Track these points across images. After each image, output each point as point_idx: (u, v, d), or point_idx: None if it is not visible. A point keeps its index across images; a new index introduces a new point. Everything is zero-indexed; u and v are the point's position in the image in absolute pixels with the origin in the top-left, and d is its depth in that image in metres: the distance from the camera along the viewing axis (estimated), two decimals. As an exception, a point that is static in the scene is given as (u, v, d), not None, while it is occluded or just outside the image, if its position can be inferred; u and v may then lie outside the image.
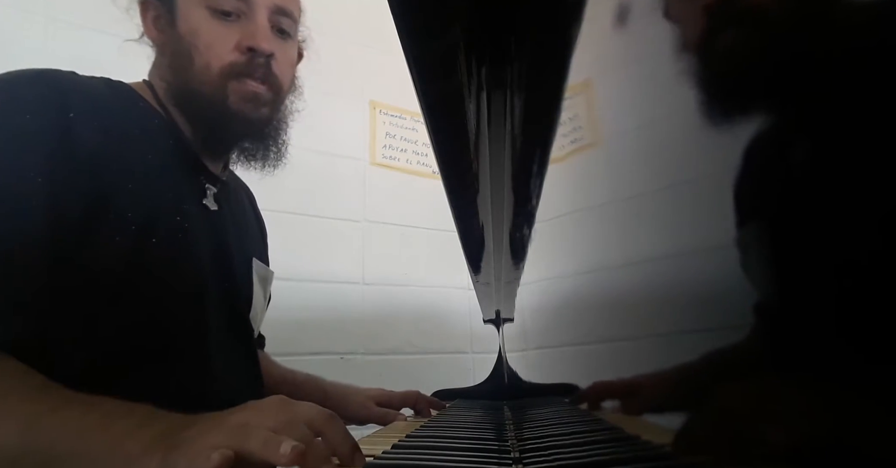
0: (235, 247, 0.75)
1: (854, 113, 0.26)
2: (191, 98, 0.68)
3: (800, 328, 0.29)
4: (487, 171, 0.42)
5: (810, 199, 0.30)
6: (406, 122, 1.68)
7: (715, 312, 0.35)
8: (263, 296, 0.83)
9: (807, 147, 0.31)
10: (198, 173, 0.71)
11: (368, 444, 0.49)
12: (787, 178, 0.32)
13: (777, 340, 0.31)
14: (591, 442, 0.42)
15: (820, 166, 0.29)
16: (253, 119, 0.70)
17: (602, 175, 0.56)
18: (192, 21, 0.67)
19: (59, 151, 0.55)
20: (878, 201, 0.24)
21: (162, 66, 0.70)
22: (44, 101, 0.56)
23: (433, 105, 0.33)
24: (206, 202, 0.71)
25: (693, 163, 0.40)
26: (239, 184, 0.85)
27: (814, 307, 0.28)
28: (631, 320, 0.51)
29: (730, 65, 0.38)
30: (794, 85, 0.32)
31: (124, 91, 0.68)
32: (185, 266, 0.64)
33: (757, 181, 0.34)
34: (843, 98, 0.27)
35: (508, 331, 1.00)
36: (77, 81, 0.62)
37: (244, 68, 0.68)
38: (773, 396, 0.30)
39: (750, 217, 0.35)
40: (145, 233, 0.59)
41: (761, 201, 0.34)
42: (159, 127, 0.68)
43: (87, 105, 0.59)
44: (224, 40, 0.67)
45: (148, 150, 0.64)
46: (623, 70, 0.47)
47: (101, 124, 0.59)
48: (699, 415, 0.34)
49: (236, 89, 0.68)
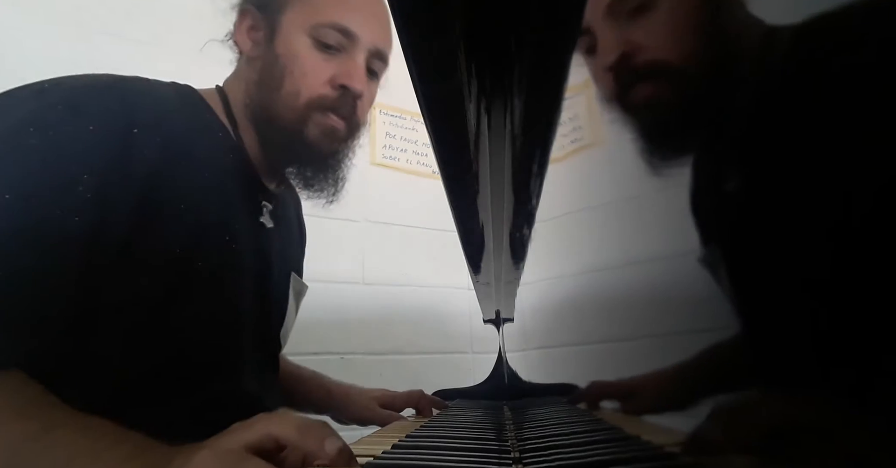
0: (278, 263, 0.74)
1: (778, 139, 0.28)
2: (270, 119, 0.68)
3: (802, 326, 0.29)
4: (487, 171, 0.42)
5: (744, 222, 0.31)
6: (406, 122, 1.68)
7: (714, 312, 0.35)
8: (295, 310, 0.83)
9: (738, 177, 0.32)
10: (255, 190, 0.70)
11: (368, 444, 0.49)
12: (724, 205, 0.34)
13: (761, 346, 0.32)
14: (591, 442, 0.42)
15: (749, 192, 0.31)
16: (325, 152, 0.70)
17: (602, 175, 0.56)
18: (292, 45, 0.67)
19: (115, 168, 0.53)
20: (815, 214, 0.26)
21: (247, 79, 0.69)
22: (109, 115, 0.55)
23: (433, 105, 0.33)
24: (262, 220, 0.70)
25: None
26: (292, 193, 0.83)
27: (813, 302, 0.29)
28: (631, 320, 0.51)
29: (653, 105, 0.40)
30: (724, 119, 0.34)
31: (192, 101, 0.66)
32: (228, 289, 0.63)
33: (704, 208, 0.36)
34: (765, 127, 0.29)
35: (508, 331, 1.00)
36: (146, 92, 0.60)
37: (332, 103, 0.68)
38: (770, 396, 0.30)
39: (708, 238, 0.36)
40: (191, 254, 0.58)
41: (712, 224, 0.36)
42: (223, 143, 0.66)
43: (152, 120, 0.57)
44: (320, 72, 0.67)
45: (207, 168, 0.62)
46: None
47: (164, 142, 0.57)
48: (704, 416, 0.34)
49: (318, 122, 0.68)
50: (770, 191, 0.29)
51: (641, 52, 0.39)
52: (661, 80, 0.38)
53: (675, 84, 0.37)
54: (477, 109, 0.34)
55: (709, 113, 0.34)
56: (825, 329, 0.26)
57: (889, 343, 0.22)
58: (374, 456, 0.41)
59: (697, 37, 0.36)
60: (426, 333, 1.54)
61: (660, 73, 0.38)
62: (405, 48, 0.28)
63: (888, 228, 0.22)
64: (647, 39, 0.39)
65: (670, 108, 0.38)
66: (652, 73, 0.39)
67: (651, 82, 0.39)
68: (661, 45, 0.39)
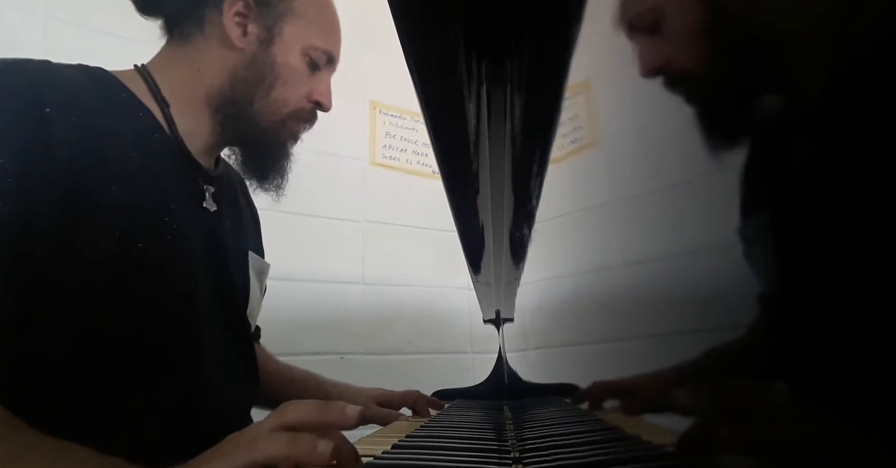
0: (231, 243, 0.73)
1: (852, 114, 0.27)
2: (244, 115, 0.69)
3: (802, 326, 0.29)
4: (487, 171, 0.42)
5: (812, 195, 0.30)
6: (406, 122, 1.68)
7: (715, 312, 0.35)
8: (260, 289, 0.82)
9: (808, 146, 0.31)
10: (193, 174, 0.68)
11: (368, 444, 0.49)
12: (789, 174, 0.32)
13: (779, 339, 0.31)
14: (591, 442, 0.42)
15: (821, 164, 0.29)
16: (286, 155, 0.76)
17: (602, 175, 0.56)
18: (292, 58, 0.71)
19: (33, 150, 0.51)
20: (878, 200, 0.24)
21: (228, 67, 0.68)
22: (15, 96, 0.52)
23: (433, 105, 0.33)
24: (206, 205, 0.69)
25: (693, 162, 0.40)
26: (231, 174, 0.82)
27: (816, 303, 0.28)
28: (631, 320, 0.51)
29: (722, 75, 0.39)
30: (789, 88, 0.32)
31: (105, 81, 0.63)
32: (174, 269, 0.61)
33: (760, 177, 0.35)
34: (842, 99, 0.28)
35: (508, 331, 1.00)
36: (52, 72, 0.58)
37: (306, 115, 0.74)
38: (772, 396, 0.30)
39: (754, 211, 0.35)
40: (131, 236, 0.56)
41: (766, 196, 0.34)
42: (144, 121, 0.64)
43: (63, 98, 0.55)
44: (302, 86, 0.72)
45: (131, 148, 0.59)
46: (623, 70, 0.47)
47: (80, 120, 0.55)
48: (705, 416, 0.34)
49: (291, 128, 0.74)
50: (841, 164, 0.27)
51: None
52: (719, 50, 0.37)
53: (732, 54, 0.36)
54: (477, 109, 0.34)
55: (780, 76, 0.32)
56: (858, 327, 0.25)
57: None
58: (375, 456, 0.41)
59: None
60: (426, 333, 1.55)
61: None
62: (405, 48, 0.28)
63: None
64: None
65: (727, 74, 0.37)
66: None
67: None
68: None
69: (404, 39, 0.27)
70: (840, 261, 0.26)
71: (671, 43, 0.40)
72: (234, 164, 0.77)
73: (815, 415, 0.27)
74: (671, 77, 0.41)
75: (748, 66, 0.34)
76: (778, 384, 0.30)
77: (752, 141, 0.35)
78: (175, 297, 0.61)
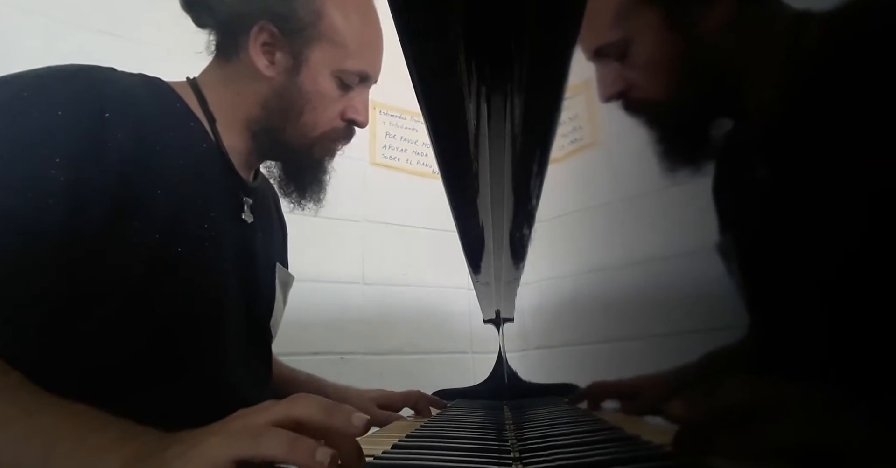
0: (262, 255, 0.74)
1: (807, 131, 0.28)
2: (277, 140, 0.71)
3: (801, 326, 0.29)
4: (487, 171, 0.42)
5: (775, 209, 0.31)
6: (406, 122, 1.68)
7: (715, 312, 0.35)
8: (283, 301, 0.83)
9: (766, 166, 0.32)
10: (234, 186, 0.70)
11: (368, 444, 0.49)
12: (752, 190, 0.33)
13: (771, 340, 0.31)
14: (591, 442, 0.42)
15: (782, 180, 0.30)
16: (323, 170, 0.76)
17: (602, 175, 0.56)
18: (320, 84, 0.71)
19: (89, 152, 0.53)
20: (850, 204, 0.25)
21: (258, 96, 0.70)
22: (79, 100, 0.55)
23: (433, 105, 0.33)
24: (244, 217, 0.71)
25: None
26: (267, 186, 0.84)
27: (797, 308, 0.29)
28: (631, 320, 0.51)
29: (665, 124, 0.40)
30: (744, 117, 0.33)
31: (162, 90, 0.66)
32: (207, 276, 0.63)
33: (726, 196, 0.36)
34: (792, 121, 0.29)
35: (508, 331, 1.00)
36: (115, 80, 0.60)
37: (340, 134, 0.75)
38: (772, 395, 0.30)
39: (727, 226, 0.36)
40: (169, 241, 0.58)
41: (732, 214, 0.36)
42: (195, 131, 0.66)
43: (123, 106, 0.57)
44: (336, 107, 0.73)
45: (180, 155, 0.62)
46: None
47: (136, 127, 0.58)
48: (699, 414, 0.34)
49: (325, 147, 0.74)
50: (798, 180, 0.28)
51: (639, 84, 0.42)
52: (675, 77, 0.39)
53: (689, 79, 0.38)
54: (477, 109, 0.34)
55: (736, 102, 0.34)
56: (837, 328, 0.25)
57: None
58: (375, 456, 0.41)
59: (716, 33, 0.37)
60: (426, 333, 1.55)
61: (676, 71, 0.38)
62: (405, 48, 0.28)
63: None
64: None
65: (689, 101, 0.38)
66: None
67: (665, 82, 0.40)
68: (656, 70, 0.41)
69: (404, 39, 0.27)
70: (829, 265, 0.27)
71: (633, 76, 0.42)
72: (272, 179, 0.79)
73: (814, 415, 0.27)
74: (629, 108, 0.43)
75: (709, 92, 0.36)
76: (777, 384, 0.30)
77: (716, 163, 0.37)
78: (204, 302, 0.63)
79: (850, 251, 0.25)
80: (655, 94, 0.41)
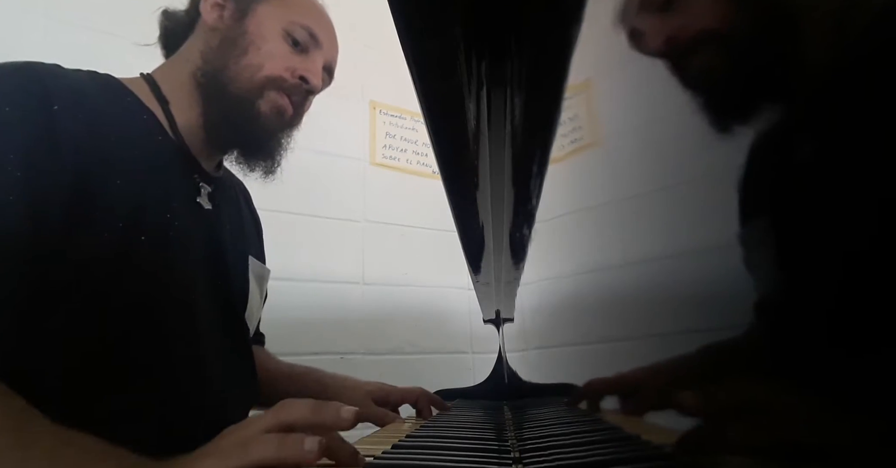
0: (230, 245, 0.74)
1: (854, 113, 0.27)
2: (223, 84, 0.70)
3: (801, 326, 0.29)
4: (487, 170, 0.42)
5: (817, 196, 0.30)
6: (406, 122, 1.68)
7: (714, 312, 0.35)
8: (260, 294, 0.83)
9: (812, 146, 0.31)
10: (191, 171, 0.70)
11: (368, 444, 0.49)
12: (792, 176, 0.32)
13: (777, 339, 0.31)
14: (591, 442, 0.42)
15: (825, 164, 0.29)
16: (269, 129, 0.73)
17: (602, 175, 0.56)
18: (264, 28, 0.71)
19: (41, 145, 0.53)
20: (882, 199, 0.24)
21: (204, 45, 0.71)
22: (26, 94, 0.54)
23: (433, 105, 0.33)
24: (199, 201, 0.70)
25: (692, 163, 0.40)
26: (234, 181, 0.84)
27: (816, 304, 0.28)
28: (630, 320, 0.51)
29: (714, 76, 0.39)
30: (790, 87, 0.32)
31: (110, 85, 0.66)
32: (174, 265, 0.62)
33: (762, 179, 0.34)
34: (843, 99, 0.28)
35: (508, 331, 1.00)
36: (61, 74, 0.60)
37: (289, 87, 0.72)
38: (772, 395, 0.30)
39: (755, 215, 0.35)
40: (133, 231, 0.58)
41: (767, 199, 0.34)
42: (148, 123, 0.66)
43: (71, 98, 0.57)
44: (284, 59, 0.72)
45: (134, 147, 0.62)
46: (623, 70, 0.48)
47: (86, 118, 0.57)
48: (713, 405, 0.34)
49: (272, 99, 0.72)
50: (850, 165, 0.28)
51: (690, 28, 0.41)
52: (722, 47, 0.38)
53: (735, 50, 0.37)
54: (477, 109, 0.34)
55: (790, 73, 0.33)
56: (866, 322, 0.25)
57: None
58: (375, 456, 0.41)
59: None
60: (426, 333, 1.54)
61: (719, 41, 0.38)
62: (405, 48, 0.28)
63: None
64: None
65: (742, 37, 0.37)
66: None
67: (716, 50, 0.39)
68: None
69: (404, 39, 0.27)
70: (842, 262, 0.26)
71: (681, 20, 0.41)
72: (232, 161, 0.77)
73: (814, 415, 0.27)
74: (677, 60, 0.42)
75: (755, 53, 0.35)
76: (777, 383, 0.30)
77: (753, 139, 0.35)
78: (174, 290, 0.62)
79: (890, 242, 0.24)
80: (706, 35, 0.40)
